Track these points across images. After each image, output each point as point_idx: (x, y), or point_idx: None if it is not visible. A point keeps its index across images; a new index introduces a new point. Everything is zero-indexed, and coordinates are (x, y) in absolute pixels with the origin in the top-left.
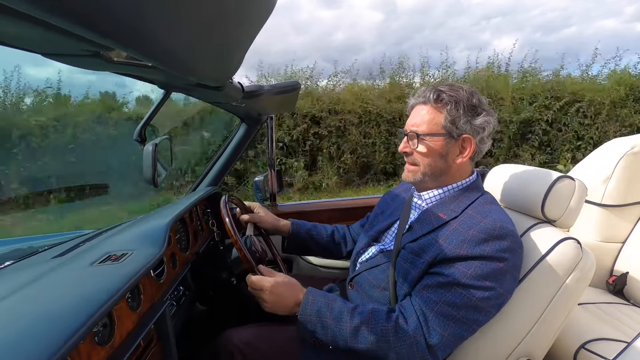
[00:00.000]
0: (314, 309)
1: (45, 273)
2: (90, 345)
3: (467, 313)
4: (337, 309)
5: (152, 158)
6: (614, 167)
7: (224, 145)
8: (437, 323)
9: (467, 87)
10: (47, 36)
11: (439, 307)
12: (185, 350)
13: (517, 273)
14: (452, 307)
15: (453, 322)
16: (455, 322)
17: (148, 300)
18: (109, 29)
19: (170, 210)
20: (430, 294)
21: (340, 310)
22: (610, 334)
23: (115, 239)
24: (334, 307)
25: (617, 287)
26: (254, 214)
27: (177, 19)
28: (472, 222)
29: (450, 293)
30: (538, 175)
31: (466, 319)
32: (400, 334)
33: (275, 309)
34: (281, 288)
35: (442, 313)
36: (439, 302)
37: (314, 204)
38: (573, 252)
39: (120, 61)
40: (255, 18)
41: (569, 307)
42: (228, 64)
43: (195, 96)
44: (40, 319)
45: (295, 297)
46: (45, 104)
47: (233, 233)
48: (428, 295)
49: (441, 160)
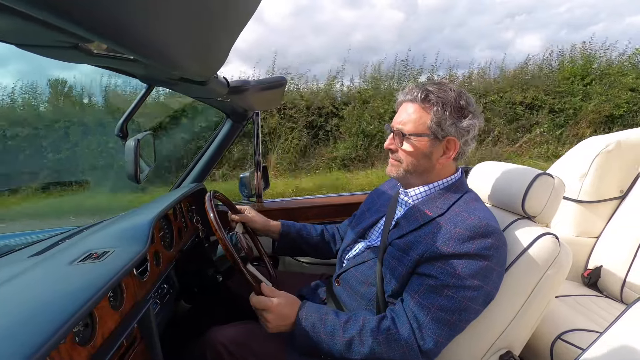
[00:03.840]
0: (308, 324)
1: (22, 272)
2: (71, 345)
3: (460, 315)
4: (330, 323)
5: (134, 154)
6: (589, 164)
7: (209, 141)
8: (432, 329)
9: (456, 88)
10: (22, 26)
11: (432, 313)
12: (170, 349)
13: (502, 269)
14: (445, 312)
15: (447, 326)
16: (449, 326)
17: (131, 299)
18: (88, 20)
19: (153, 206)
20: (423, 300)
21: (334, 325)
22: (584, 325)
23: (96, 236)
24: (327, 321)
25: (592, 280)
26: (243, 214)
27: (159, 10)
28: (458, 220)
29: (442, 297)
30: (519, 173)
31: (459, 320)
32: (393, 344)
33: (279, 327)
34: (285, 309)
35: (436, 319)
36: (432, 307)
37: (300, 200)
38: (551, 247)
39: (100, 53)
40: (240, 11)
41: (547, 300)
42: (212, 58)
43: (178, 91)
44: (18, 320)
45: (289, 312)
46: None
47: (218, 229)
48: (420, 300)
49: (424, 160)
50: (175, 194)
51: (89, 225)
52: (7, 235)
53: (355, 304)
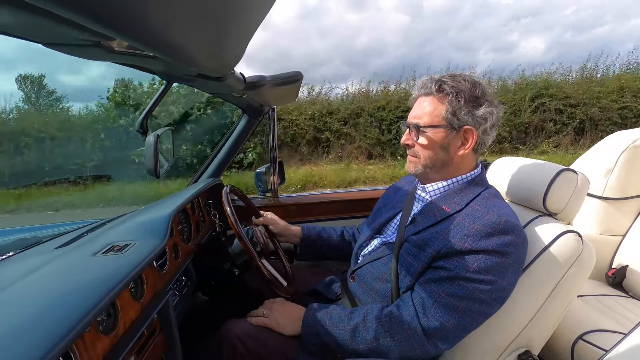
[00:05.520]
0: (315, 318)
1: (49, 262)
2: (95, 333)
3: (469, 304)
4: (336, 315)
5: (154, 149)
6: (615, 160)
7: (226, 137)
8: (439, 313)
9: (471, 78)
10: (48, 26)
11: (440, 298)
12: (187, 340)
13: (520, 267)
14: (453, 298)
15: (456, 312)
16: (457, 312)
17: (151, 290)
18: (110, 19)
19: (172, 201)
20: (432, 286)
21: (339, 316)
22: (608, 326)
23: (118, 229)
24: (332, 314)
25: (617, 279)
26: (266, 217)
27: (178, 8)
28: (476, 216)
29: (453, 285)
30: (540, 168)
31: (468, 309)
32: (396, 327)
33: (285, 326)
34: (288, 307)
35: (444, 304)
36: (441, 293)
37: (315, 195)
38: (574, 245)
39: (121, 51)
40: (257, 7)
41: (568, 299)
42: (229, 55)
43: (196, 87)
44: (46, 308)
45: (295, 312)
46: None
47: (235, 223)
48: (430, 287)
49: (442, 152)
50: (193, 189)
51: (111, 218)
52: (35, 227)
53: (370, 300)
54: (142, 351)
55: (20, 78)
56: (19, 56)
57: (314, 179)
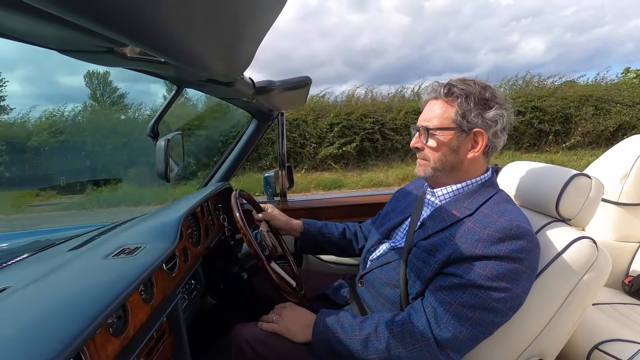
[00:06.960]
0: (326, 325)
1: (62, 265)
2: (105, 335)
3: (483, 314)
4: (348, 323)
5: (164, 153)
6: (632, 164)
7: (235, 141)
8: (452, 324)
9: (480, 81)
10: (62, 33)
11: (453, 309)
12: (196, 343)
13: (533, 273)
14: (467, 308)
15: (469, 323)
16: (471, 323)
17: (160, 293)
18: (124, 25)
19: (181, 205)
20: (444, 296)
21: (351, 325)
22: (625, 335)
23: (129, 232)
24: (344, 323)
25: (634, 287)
26: (267, 212)
27: (189, 14)
28: (487, 221)
29: (465, 294)
30: (553, 173)
31: (482, 320)
32: (408, 338)
33: (295, 333)
34: (299, 312)
35: (457, 314)
36: (453, 303)
37: (324, 200)
38: (588, 251)
39: (133, 57)
40: (266, 12)
41: (583, 307)
42: (239, 60)
43: (206, 92)
44: (58, 309)
45: (305, 318)
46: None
47: (243, 227)
48: (442, 296)
49: (452, 155)
50: (202, 193)
51: (122, 222)
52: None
53: (379, 305)
54: (152, 353)
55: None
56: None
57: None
